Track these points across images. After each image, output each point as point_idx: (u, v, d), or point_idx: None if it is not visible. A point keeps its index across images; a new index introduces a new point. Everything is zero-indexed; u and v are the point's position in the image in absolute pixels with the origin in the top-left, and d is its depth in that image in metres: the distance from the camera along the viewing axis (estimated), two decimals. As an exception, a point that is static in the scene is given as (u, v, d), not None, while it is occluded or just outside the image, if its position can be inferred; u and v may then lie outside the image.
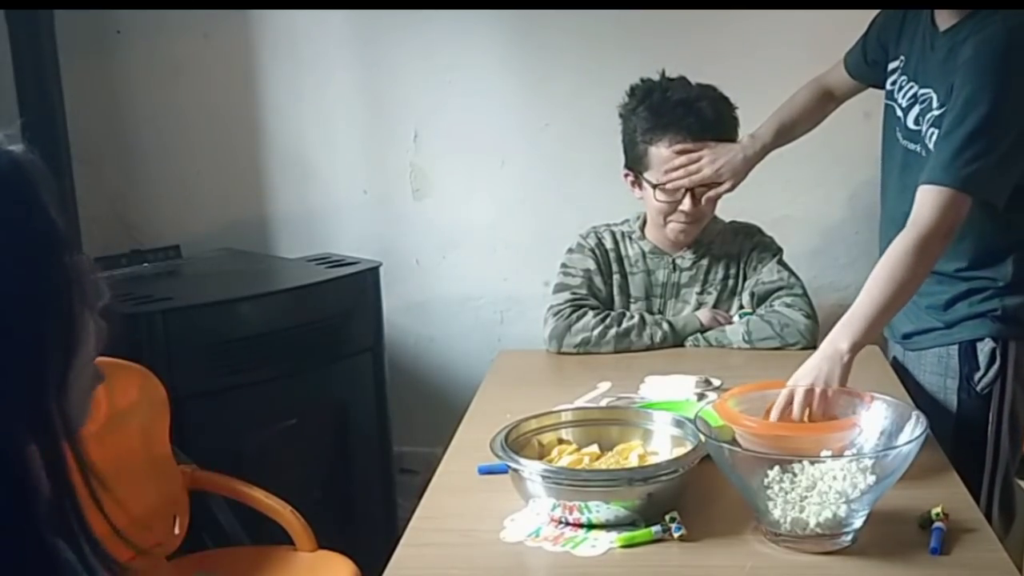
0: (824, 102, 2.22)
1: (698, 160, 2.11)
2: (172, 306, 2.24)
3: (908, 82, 1.93)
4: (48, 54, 2.55)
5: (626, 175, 2.22)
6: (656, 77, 2.19)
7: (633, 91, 2.20)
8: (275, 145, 2.96)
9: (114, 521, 0.81)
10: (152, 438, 2.07)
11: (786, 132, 2.20)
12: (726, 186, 2.14)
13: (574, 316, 2.14)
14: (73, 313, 0.75)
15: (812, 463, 1.31)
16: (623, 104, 2.20)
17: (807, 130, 2.24)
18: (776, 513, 1.31)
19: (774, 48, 2.54)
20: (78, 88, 2.71)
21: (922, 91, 1.88)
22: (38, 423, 0.73)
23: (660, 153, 2.13)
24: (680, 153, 2.12)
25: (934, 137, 1.81)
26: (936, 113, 1.82)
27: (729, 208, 2.30)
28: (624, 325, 2.13)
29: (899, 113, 1.95)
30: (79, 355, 0.76)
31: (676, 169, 2.12)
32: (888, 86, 2.01)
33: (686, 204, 2.14)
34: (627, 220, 2.28)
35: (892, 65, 2.00)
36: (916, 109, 1.90)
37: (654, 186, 2.15)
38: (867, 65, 2.10)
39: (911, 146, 1.91)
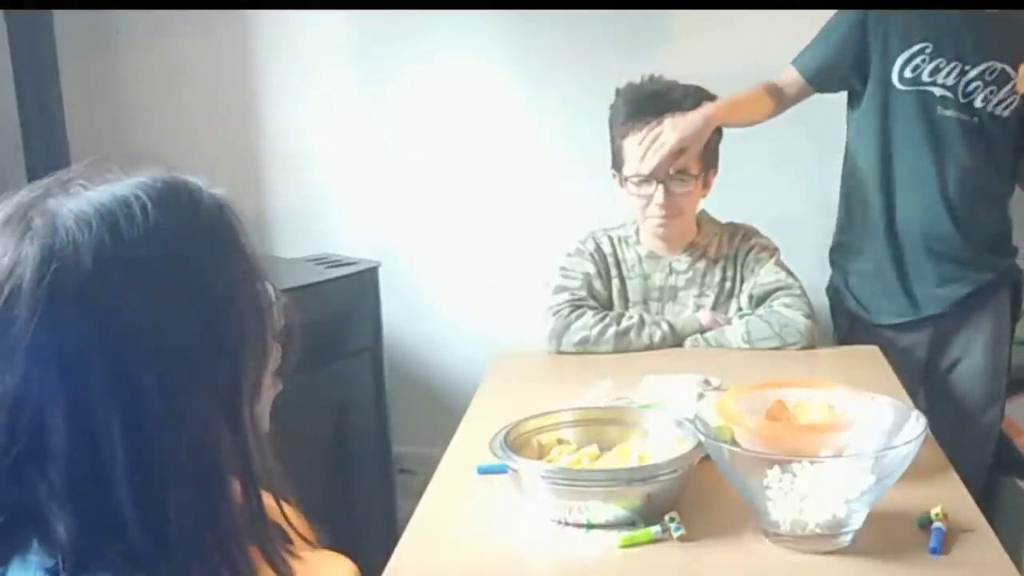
0: (772, 100, 2.30)
1: (660, 133, 2.11)
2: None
3: (948, 63, 2.15)
4: (48, 54, 2.55)
5: (613, 176, 2.23)
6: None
7: (618, 91, 2.23)
8: (274, 145, 2.96)
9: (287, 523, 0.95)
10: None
11: (737, 109, 2.24)
12: (693, 151, 2.13)
13: (573, 315, 2.14)
14: (266, 330, 0.86)
15: (812, 463, 1.30)
16: (611, 106, 2.22)
17: (752, 122, 2.29)
18: (775, 513, 1.31)
19: (776, 49, 2.53)
20: (78, 88, 2.71)
21: (977, 66, 2.14)
22: (234, 424, 0.82)
23: (632, 145, 2.14)
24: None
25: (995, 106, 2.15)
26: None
27: (728, 208, 2.30)
28: (623, 324, 2.13)
29: (943, 92, 2.16)
30: (268, 368, 0.88)
31: (644, 152, 2.12)
32: (908, 73, 2.18)
33: (659, 197, 2.13)
34: (624, 224, 2.27)
35: (905, 54, 2.17)
36: (972, 83, 2.15)
37: (627, 179, 2.15)
38: (833, 69, 2.26)
39: (963, 116, 2.16)
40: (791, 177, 2.72)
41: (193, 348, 0.79)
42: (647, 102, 2.15)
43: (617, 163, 2.20)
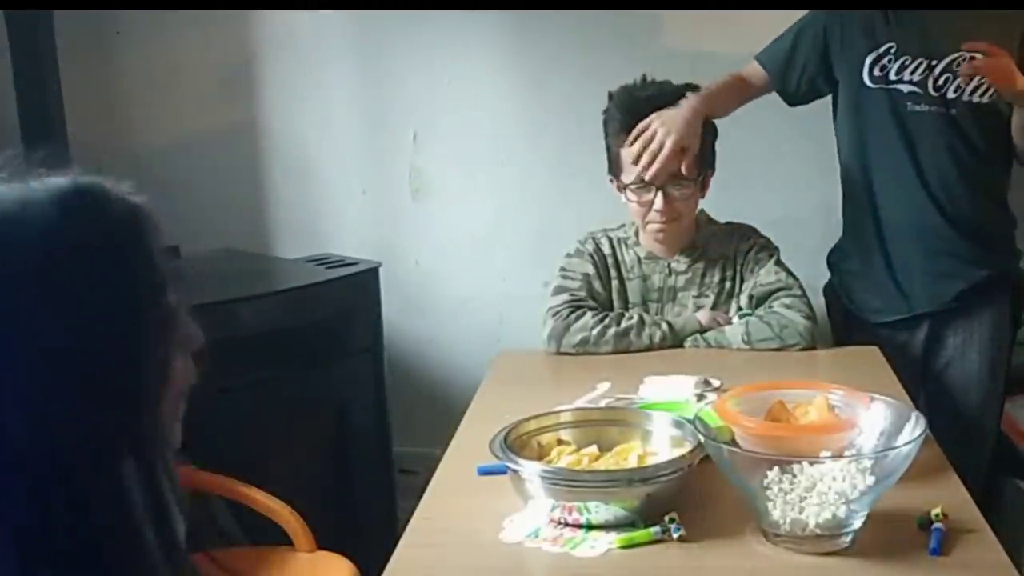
0: (741, 91, 2.30)
1: (652, 136, 2.11)
2: (171, 306, 2.23)
3: (913, 60, 2.15)
4: (48, 54, 2.55)
5: (610, 180, 2.22)
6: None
7: (611, 96, 2.21)
8: (274, 145, 2.96)
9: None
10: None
11: (717, 98, 2.23)
12: (690, 152, 2.13)
13: (572, 316, 2.14)
14: (168, 346, 0.84)
15: (811, 464, 1.30)
16: (604, 110, 2.21)
17: (727, 112, 2.29)
18: (775, 514, 1.31)
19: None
20: (78, 88, 2.71)
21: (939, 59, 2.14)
22: (135, 442, 0.81)
23: (628, 154, 2.13)
24: (634, 141, 2.12)
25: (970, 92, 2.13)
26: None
27: (728, 208, 2.30)
28: (623, 325, 2.13)
29: (911, 88, 2.17)
30: (170, 385, 0.84)
31: (639, 157, 2.11)
32: (876, 72, 2.19)
33: (658, 203, 2.13)
34: (623, 225, 2.27)
35: (873, 54, 2.18)
36: (941, 77, 2.14)
37: (625, 187, 2.15)
38: (793, 65, 2.26)
39: (937, 109, 2.15)
40: (790, 177, 2.72)
41: (91, 355, 0.79)
42: (641, 110, 2.14)
43: (615, 170, 2.19)
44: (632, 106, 2.16)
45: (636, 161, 2.12)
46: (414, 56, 2.83)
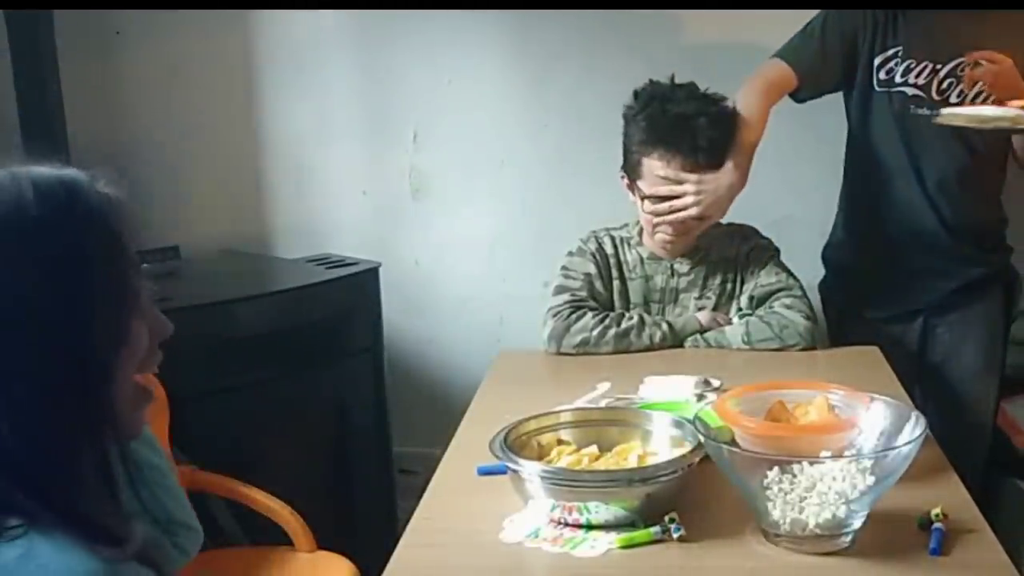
0: (770, 103, 2.25)
1: (682, 194, 2.09)
2: (171, 307, 2.22)
3: (919, 63, 2.16)
4: (48, 54, 2.55)
5: (622, 177, 2.22)
6: (665, 79, 2.17)
7: (637, 96, 2.17)
8: (274, 146, 2.96)
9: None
10: (151, 438, 2.07)
11: (755, 143, 2.20)
12: (712, 220, 2.15)
13: (573, 317, 2.14)
14: (125, 316, 0.89)
15: (811, 464, 1.30)
16: (627, 106, 2.19)
17: None
18: (775, 514, 1.31)
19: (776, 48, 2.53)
20: (78, 88, 2.71)
21: (947, 63, 2.15)
22: (91, 424, 0.86)
23: (651, 166, 2.12)
24: (664, 179, 2.10)
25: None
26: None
27: (730, 209, 2.30)
28: (623, 325, 2.13)
29: (915, 91, 2.18)
30: (127, 355, 0.89)
31: (662, 201, 2.11)
32: (882, 75, 2.20)
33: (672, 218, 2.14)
34: (626, 225, 2.27)
35: (881, 57, 2.19)
36: (945, 81, 2.16)
37: (643, 197, 2.14)
38: (828, 73, 2.24)
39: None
40: (793, 178, 2.72)
41: (49, 325, 0.84)
42: (671, 129, 2.10)
43: (632, 174, 2.17)
44: (659, 122, 2.11)
45: (655, 203, 2.12)
46: (414, 56, 2.83)
